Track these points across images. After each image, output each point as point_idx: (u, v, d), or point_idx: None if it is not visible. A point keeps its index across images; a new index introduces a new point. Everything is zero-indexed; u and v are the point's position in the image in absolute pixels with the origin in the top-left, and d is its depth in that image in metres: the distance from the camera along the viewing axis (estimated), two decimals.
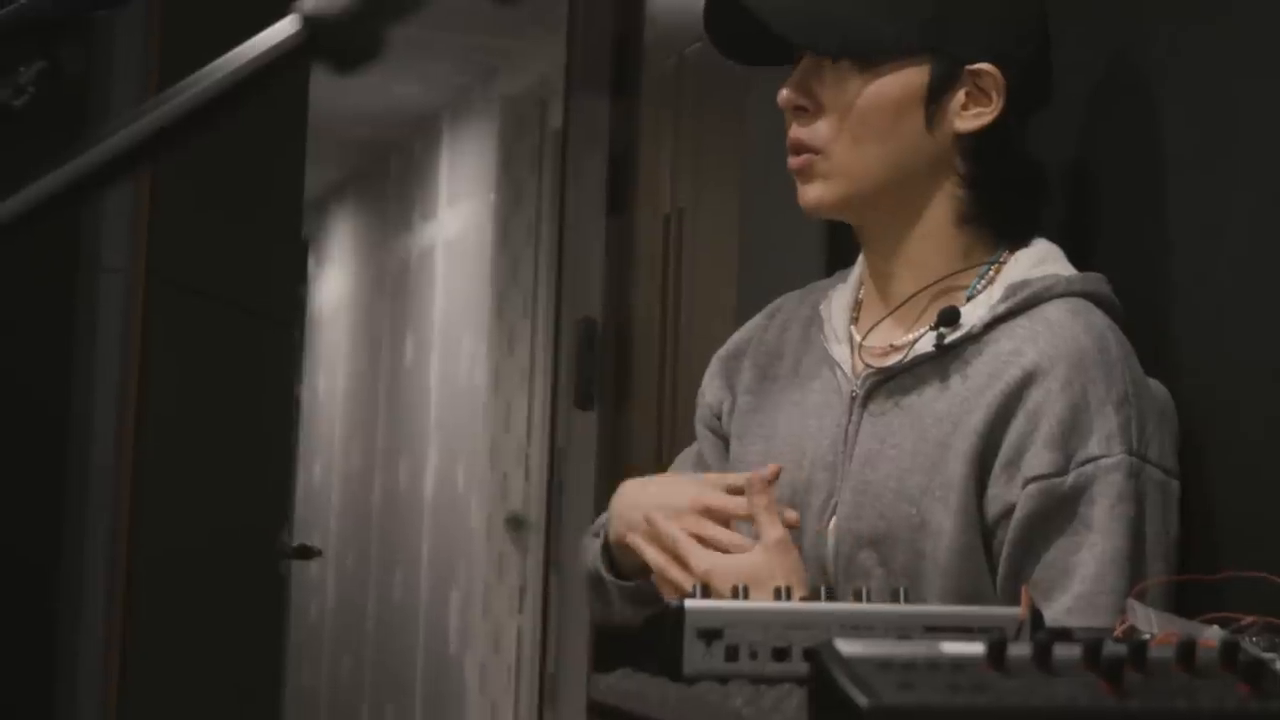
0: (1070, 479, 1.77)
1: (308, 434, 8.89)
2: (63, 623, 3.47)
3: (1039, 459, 1.78)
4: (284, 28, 0.95)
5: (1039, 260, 1.91)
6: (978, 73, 1.89)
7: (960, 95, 1.89)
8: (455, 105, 6.94)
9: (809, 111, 1.91)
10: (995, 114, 1.89)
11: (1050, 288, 1.87)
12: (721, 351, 2.12)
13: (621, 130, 4.23)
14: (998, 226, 1.93)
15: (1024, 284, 1.88)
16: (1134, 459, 1.78)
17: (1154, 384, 1.86)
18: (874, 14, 1.89)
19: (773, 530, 1.81)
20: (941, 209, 1.92)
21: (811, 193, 1.92)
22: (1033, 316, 1.85)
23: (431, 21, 5.52)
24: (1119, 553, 1.76)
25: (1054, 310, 1.85)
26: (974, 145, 1.90)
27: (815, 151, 1.91)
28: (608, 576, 2.02)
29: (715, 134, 3.61)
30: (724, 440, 2.08)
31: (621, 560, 2.00)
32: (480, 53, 6.27)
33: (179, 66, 1.02)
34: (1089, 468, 1.77)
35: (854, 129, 1.89)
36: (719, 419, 2.08)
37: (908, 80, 1.89)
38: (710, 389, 2.10)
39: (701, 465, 2.09)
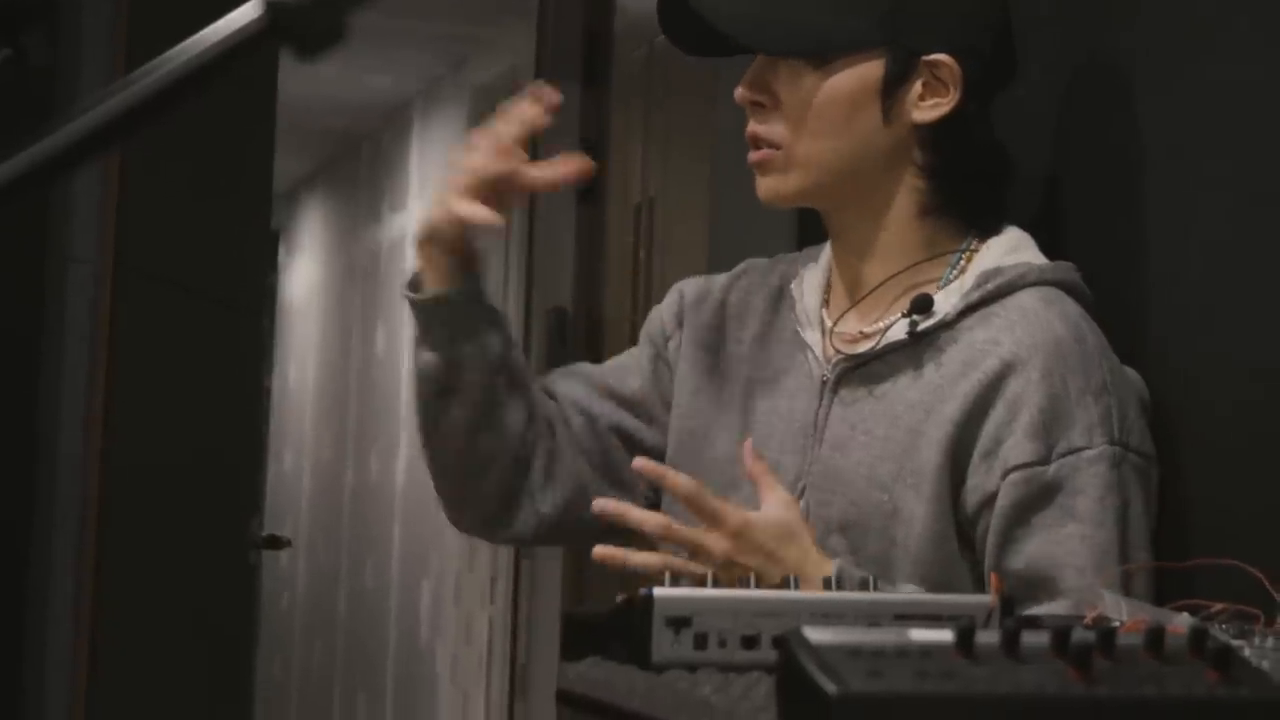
0: (1053, 469, 1.78)
1: (278, 424, 8.88)
2: (31, 612, 3.46)
3: (1020, 449, 1.78)
4: (246, 12, 0.94)
5: (1011, 248, 1.91)
6: (934, 64, 1.88)
7: (917, 87, 1.89)
8: (426, 94, 6.93)
9: (765, 107, 1.91)
10: (953, 104, 1.89)
11: (1023, 275, 1.87)
12: (687, 286, 2.09)
13: (592, 120, 4.23)
14: (962, 216, 1.93)
15: (996, 271, 1.88)
16: (1117, 448, 1.79)
17: (1129, 371, 1.86)
18: (826, 11, 1.88)
19: (778, 490, 1.80)
20: (903, 200, 1.91)
21: (769, 185, 1.92)
22: (1006, 305, 1.85)
23: (401, 10, 5.50)
24: (1112, 544, 1.76)
25: (1028, 299, 1.85)
26: (932, 136, 1.90)
27: (773, 146, 1.91)
28: (408, 294, 1.98)
29: (685, 124, 3.61)
30: (665, 363, 2.06)
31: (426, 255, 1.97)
32: (450, 41, 6.25)
33: (146, 56, 1.02)
34: (1072, 458, 1.78)
35: (811, 124, 1.89)
36: (666, 341, 2.07)
37: (863, 74, 1.88)
38: (667, 311, 2.08)
39: (636, 367, 2.08)
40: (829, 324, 1.95)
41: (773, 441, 1.93)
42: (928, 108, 1.89)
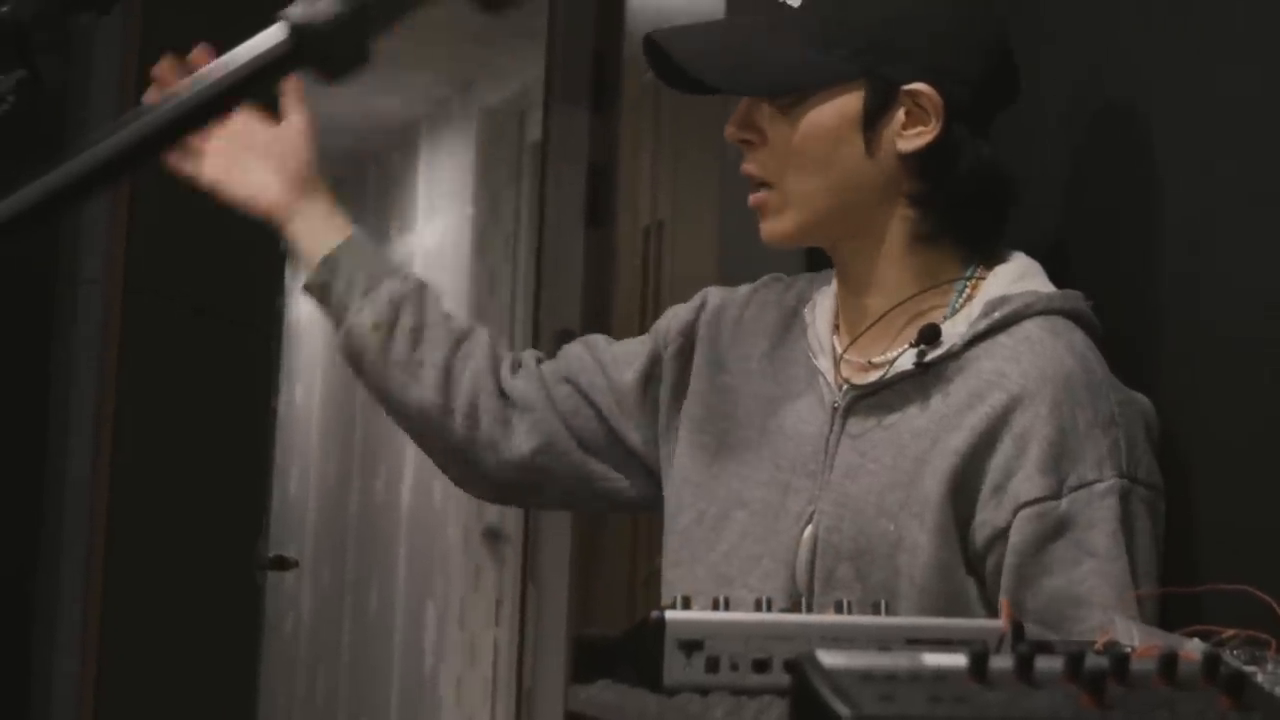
0: (1065, 503, 1.77)
1: (284, 444, 8.87)
2: (38, 635, 3.46)
3: (1030, 483, 1.78)
4: (272, 35, 0.95)
5: (1018, 276, 1.91)
6: (914, 93, 1.87)
7: (899, 116, 1.88)
8: (434, 117, 6.94)
9: (755, 144, 1.92)
10: (936, 133, 1.88)
11: (1030, 305, 1.86)
12: (712, 296, 2.09)
13: (601, 142, 4.23)
14: (960, 243, 1.92)
15: (1003, 300, 1.87)
16: (1125, 480, 1.78)
17: (1138, 397, 1.86)
18: (803, 48, 1.88)
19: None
20: (897, 230, 1.91)
21: (769, 227, 1.93)
22: (1013, 335, 1.85)
23: (410, 33, 5.51)
24: (1128, 575, 1.76)
25: (1035, 329, 1.85)
26: (919, 164, 1.89)
27: (766, 184, 1.92)
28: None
29: (695, 146, 3.61)
30: (658, 365, 2.07)
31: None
32: (459, 64, 6.26)
33: None
34: (1083, 492, 1.77)
35: (795, 160, 1.89)
36: (666, 346, 2.08)
37: (842, 107, 1.88)
38: (680, 319, 2.09)
39: (635, 361, 2.09)
40: (839, 351, 1.95)
41: (784, 462, 1.93)
42: (911, 137, 1.88)
